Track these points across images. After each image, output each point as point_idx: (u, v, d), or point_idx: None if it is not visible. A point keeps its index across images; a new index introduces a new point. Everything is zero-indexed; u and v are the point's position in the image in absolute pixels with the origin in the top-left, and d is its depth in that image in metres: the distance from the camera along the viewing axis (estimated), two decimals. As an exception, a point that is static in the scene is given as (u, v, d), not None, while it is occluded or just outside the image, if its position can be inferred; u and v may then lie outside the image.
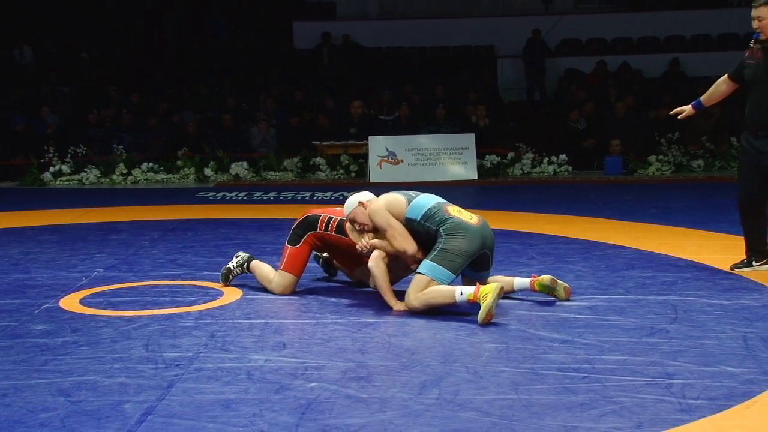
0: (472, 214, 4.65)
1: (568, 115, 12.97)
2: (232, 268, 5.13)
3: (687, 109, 5.51)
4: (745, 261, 5.32)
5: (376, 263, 4.56)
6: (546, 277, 4.70)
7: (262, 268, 5.08)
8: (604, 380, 3.39)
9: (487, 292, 4.25)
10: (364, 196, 4.71)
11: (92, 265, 5.78)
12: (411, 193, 4.74)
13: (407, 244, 4.52)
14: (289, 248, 4.94)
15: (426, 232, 4.55)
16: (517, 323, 4.25)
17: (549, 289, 4.69)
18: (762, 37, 5.07)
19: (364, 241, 4.62)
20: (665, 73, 15.14)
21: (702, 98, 5.51)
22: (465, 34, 16.35)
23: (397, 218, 4.57)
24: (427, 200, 4.66)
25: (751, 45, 5.18)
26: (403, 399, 3.22)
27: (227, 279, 5.13)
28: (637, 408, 3.11)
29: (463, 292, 4.34)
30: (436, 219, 4.53)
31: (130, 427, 2.98)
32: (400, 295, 4.55)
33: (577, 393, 3.26)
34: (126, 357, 3.74)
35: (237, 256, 5.18)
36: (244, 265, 5.13)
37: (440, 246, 4.46)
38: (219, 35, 17.23)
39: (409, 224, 4.57)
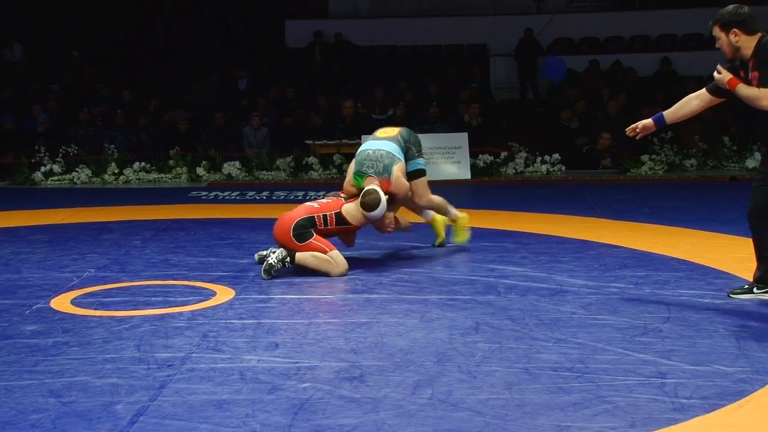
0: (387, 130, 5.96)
1: (560, 114, 12.98)
2: (273, 263, 5.26)
3: (646, 123, 4.87)
4: (746, 287, 4.75)
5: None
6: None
7: (314, 254, 5.33)
8: (598, 380, 3.40)
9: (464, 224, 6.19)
10: (382, 197, 5.45)
11: (84, 266, 5.77)
12: (386, 159, 5.62)
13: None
14: (310, 241, 5.34)
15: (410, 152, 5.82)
16: (511, 322, 4.26)
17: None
18: (727, 57, 4.54)
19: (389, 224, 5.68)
20: (657, 72, 15.18)
21: (666, 113, 4.83)
22: (457, 32, 16.35)
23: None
24: (388, 145, 5.71)
25: (719, 68, 4.57)
26: (397, 399, 3.22)
27: (269, 273, 5.26)
28: (630, 407, 3.12)
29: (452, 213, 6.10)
30: (405, 143, 5.80)
31: (122, 428, 2.98)
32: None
33: (570, 392, 3.27)
34: (118, 357, 3.74)
35: (273, 252, 5.34)
36: (286, 260, 5.29)
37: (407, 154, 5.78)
38: (210, 33, 17.19)
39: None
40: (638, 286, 5.04)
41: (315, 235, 5.37)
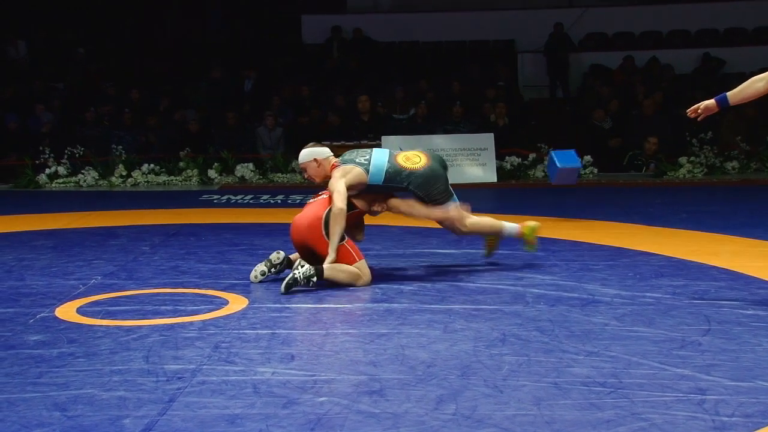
0: (418, 155, 5.62)
1: (592, 114, 12.95)
2: (299, 278, 5.09)
3: (708, 104, 4.83)
4: None
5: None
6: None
7: (342, 269, 5.25)
8: (632, 395, 3.39)
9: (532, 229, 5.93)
10: (321, 153, 5.55)
11: (90, 273, 5.81)
12: (363, 159, 5.51)
13: (338, 202, 5.33)
14: (343, 244, 5.30)
15: (394, 189, 5.56)
16: (539, 334, 4.26)
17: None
18: None
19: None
20: (697, 69, 15.10)
21: (729, 94, 4.80)
22: (483, 27, 16.36)
23: (358, 184, 5.42)
24: (380, 161, 5.49)
25: None
26: (418, 414, 3.23)
27: (289, 289, 5.08)
28: (668, 425, 3.10)
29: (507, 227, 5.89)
30: (398, 179, 5.50)
31: (130, 443, 3.00)
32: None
33: (603, 409, 3.26)
34: (125, 369, 3.76)
35: (302, 266, 5.12)
36: (312, 278, 5.10)
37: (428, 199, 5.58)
38: (218, 30, 17.28)
39: (374, 189, 5.52)
40: (676, 296, 5.01)
41: (347, 238, 5.35)
